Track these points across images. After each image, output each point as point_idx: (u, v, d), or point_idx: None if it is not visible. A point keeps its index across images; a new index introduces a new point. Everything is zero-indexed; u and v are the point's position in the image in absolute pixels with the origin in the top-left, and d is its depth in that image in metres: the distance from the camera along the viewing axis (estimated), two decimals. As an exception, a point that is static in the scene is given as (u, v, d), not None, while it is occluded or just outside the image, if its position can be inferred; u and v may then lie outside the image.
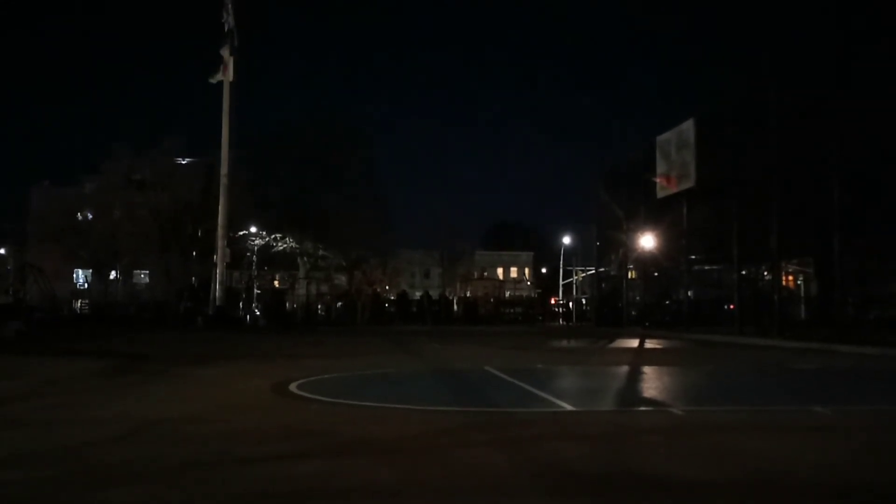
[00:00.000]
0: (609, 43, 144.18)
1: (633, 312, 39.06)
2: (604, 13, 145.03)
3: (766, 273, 29.11)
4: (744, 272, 29.24)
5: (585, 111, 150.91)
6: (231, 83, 37.78)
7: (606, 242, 42.69)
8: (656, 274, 37.72)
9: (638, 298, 39.82)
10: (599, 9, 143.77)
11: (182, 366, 14.16)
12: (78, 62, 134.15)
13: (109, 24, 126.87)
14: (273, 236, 49.67)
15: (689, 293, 33.58)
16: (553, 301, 58.82)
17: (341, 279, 52.73)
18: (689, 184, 29.92)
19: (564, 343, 25.75)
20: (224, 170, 38.21)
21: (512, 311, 53.55)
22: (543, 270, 78.93)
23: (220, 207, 37.86)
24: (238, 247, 45.98)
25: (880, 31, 21.67)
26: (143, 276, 61.23)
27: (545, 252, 75.77)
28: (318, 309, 51.45)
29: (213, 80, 37.42)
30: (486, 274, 72.99)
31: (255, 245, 49.26)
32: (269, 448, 6.13)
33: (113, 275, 57.95)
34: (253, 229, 48.96)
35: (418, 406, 8.87)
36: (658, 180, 32.27)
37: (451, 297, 54.61)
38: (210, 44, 37.69)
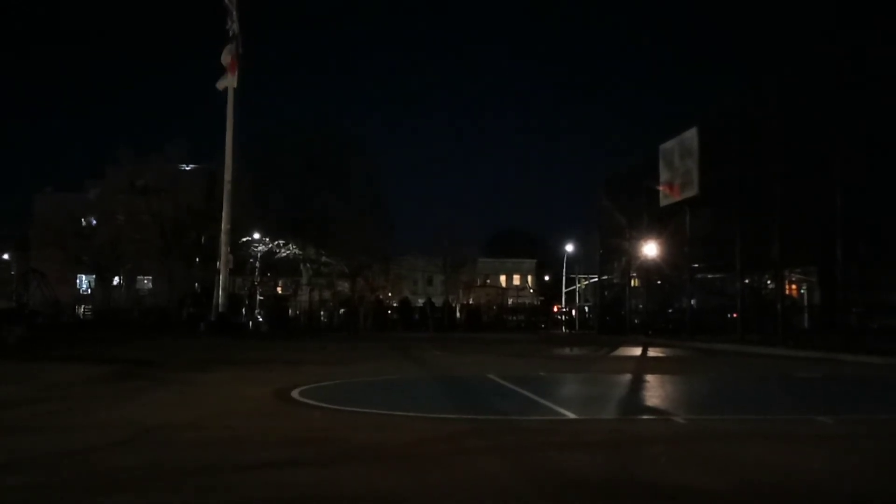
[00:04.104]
0: (612, 49, 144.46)
1: (636, 320, 38.97)
2: (607, 18, 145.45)
3: (769, 281, 29.05)
4: (747, 280, 29.18)
5: (588, 118, 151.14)
6: (235, 89, 37.88)
7: (609, 250, 42.65)
8: (659, 282, 37.66)
9: (640, 306, 39.73)
10: (602, 14, 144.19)
11: (184, 372, 14.16)
12: (81, 68, 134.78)
13: (113, 30, 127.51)
14: (276, 243, 49.82)
15: (692, 301, 33.52)
16: (556, 309, 58.79)
17: (344, 286, 52.81)
18: (692, 192, 29.88)
19: (567, 351, 25.68)
20: (227, 176, 38.29)
21: (514, 318, 53.59)
22: (546, 278, 78.94)
23: (223, 213, 37.91)
24: (241, 253, 46.08)
25: (884, 35, 21.63)
26: (145, 281, 61.44)
27: (548, 259, 75.82)
28: (320, 315, 51.57)
29: (219, 86, 37.37)
30: (488, 281, 72.94)
31: (258, 251, 49.41)
32: (271, 454, 6.12)
33: (116, 280, 58.15)
34: (256, 235, 49.11)
35: (421, 413, 8.85)
36: (661, 188, 32.26)
37: (453, 305, 54.60)
38: (215, 50, 37.78)
